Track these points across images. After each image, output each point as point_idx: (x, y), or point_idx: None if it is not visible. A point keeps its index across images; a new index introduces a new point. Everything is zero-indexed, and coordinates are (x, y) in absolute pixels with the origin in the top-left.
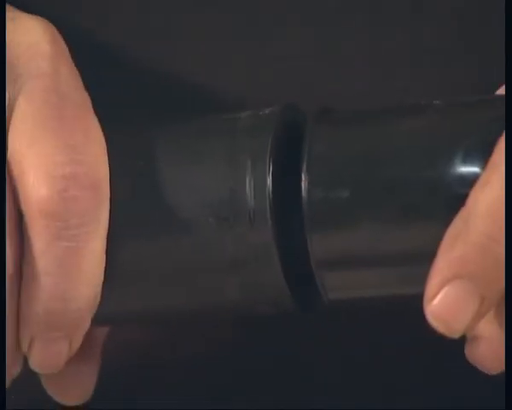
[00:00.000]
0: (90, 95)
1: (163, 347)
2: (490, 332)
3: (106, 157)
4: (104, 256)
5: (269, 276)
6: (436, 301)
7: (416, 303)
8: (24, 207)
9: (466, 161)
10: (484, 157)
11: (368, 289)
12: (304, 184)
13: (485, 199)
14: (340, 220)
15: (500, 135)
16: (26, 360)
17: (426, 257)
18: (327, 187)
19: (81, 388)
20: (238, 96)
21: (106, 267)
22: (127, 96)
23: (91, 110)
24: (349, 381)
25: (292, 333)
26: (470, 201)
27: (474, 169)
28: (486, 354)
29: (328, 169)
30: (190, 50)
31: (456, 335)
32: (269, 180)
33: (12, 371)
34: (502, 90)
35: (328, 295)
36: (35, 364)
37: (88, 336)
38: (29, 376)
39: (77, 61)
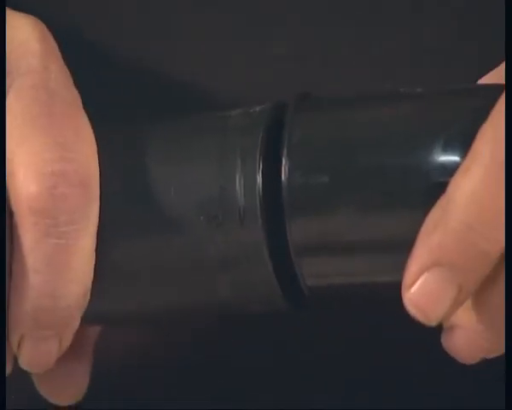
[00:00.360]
0: (83, 93)
1: (161, 347)
2: (467, 321)
3: (96, 155)
4: (94, 254)
5: (260, 274)
6: (414, 288)
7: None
8: (13, 204)
9: (446, 149)
10: (465, 146)
11: (346, 276)
12: (284, 170)
13: (466, 188)
14: (320, 206)
15: (482, 124)
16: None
17: (405, 245)
18: (306, 173)
19: (73, 387)
20: (238, 97)
21: (96, 265)
22: (126, 95)
23: (81, 108)
24: (349, 380)
25: (292, 332)
26: (450, 189)
27: (455, 158)
28: (463, 343)
29: (308, 155)
30: (190, 50)
31: (433, 323)
32: (259, 179)
33: None
34: (484, 80)
35: (306, 281)
36: (25, 363)
37: (79, 336)
38: (28, 375)
39: (74, 60)
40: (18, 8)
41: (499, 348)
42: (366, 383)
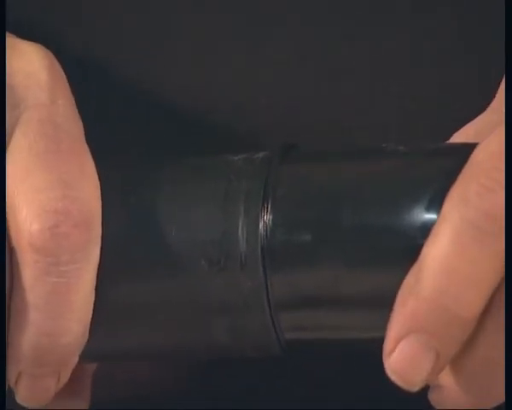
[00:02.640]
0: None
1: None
2: (449, 384)
3: (99, 193)
4: (93, 293)
5: (258, 321)
6: (393, 355)
7: None
8: (15, 240)
9: (428, 209)
10: None
11: (325, 332)
12: (267, 225)
13: (435, 253)
14: (300, 263)
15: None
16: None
17: (387, 303)
18: (289, 229)
19: None
20: (238, 97)
21: (95, 304)
22: (124, 95)
23: (85, 143)
24: (348, 381)
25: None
26: (422, 254)
27: (435, 218)
28: (446, 401)
29: (291, 211)
30: (190, 50)
31: (414, 388)
32: (261, 226)
33: None
34: (457, 138)
35: (284, 335)
36: (22, 398)
37: (76, 371)
38: None
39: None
40: (19, 26)
41: (483, 407)
42: (365, 383)
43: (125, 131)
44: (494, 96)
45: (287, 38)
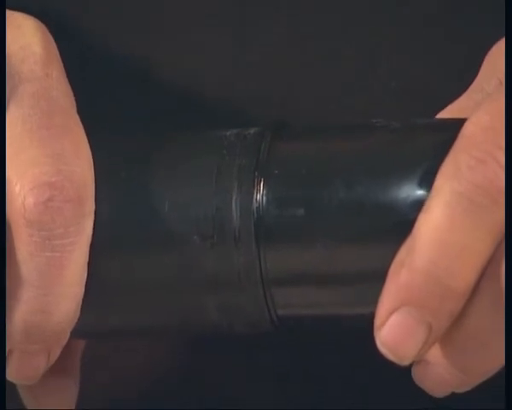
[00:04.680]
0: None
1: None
2: (435, 359)
3: (92, 168)
4: (86, 268)
5: (250, 296)
6: (384, 328)
7: None
8: (9, 215)
9: (420, 184)
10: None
11: (318, 307)
12: (261, 200)
13: (428, 225)
14: (293, 238)
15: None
16: None
17: (380, 278)
18: (282, 204)
19: (60, 401)
20: (227, 72)
21: (87, 280)
22: (114, 72)
23: (78, 118)
24: (347, 382)
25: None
26: (415, 227)
27: (426, 193)
28: (430, 378)
29: (284, 186)
30: (189, 49)
31: (405, 362)
32: (254, 201)
33: None
34: (446, 114)
35: (276, 311)
36: (12, 375)
37: (66, 349)
38: None
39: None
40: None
41: (467, 384)
42: (365, 383)
43: (115, 107)
44: None
45: (276, 15)
